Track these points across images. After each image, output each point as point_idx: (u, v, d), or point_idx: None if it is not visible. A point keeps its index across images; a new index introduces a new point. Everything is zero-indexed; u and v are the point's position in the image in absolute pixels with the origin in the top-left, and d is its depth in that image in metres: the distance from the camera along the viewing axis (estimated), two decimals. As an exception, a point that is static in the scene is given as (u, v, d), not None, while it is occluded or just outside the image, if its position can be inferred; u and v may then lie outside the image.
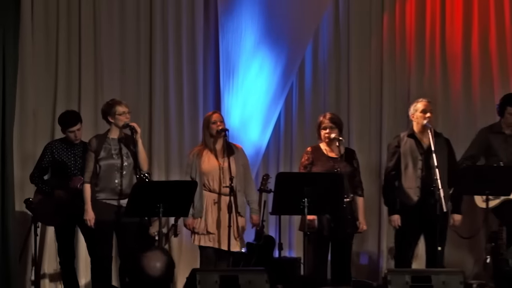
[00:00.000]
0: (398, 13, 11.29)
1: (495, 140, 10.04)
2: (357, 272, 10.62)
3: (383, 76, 11.29)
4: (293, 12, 11.12)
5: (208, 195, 9.28)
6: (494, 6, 11.04)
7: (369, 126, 11.30)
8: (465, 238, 10.10)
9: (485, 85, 10.98)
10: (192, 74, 11.32)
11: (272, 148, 11.36)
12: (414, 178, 9.51)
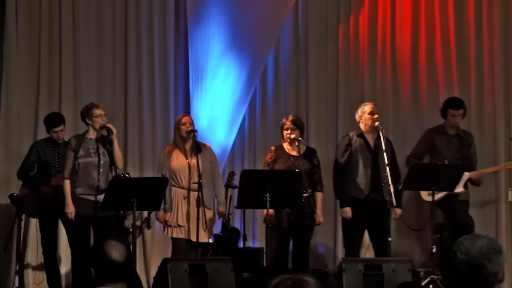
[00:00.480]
0: (352, 23, 11.28)
1: (439, 140, 10.10)
2: (315, 260, 10.70)
3: (339, 81, 11.30)
4: (256, 22, 11.13)
5: (178, 191, 9.41)
6: (439, 17, 11.05)
7: (326, 127, 11.32)
8: (414, 230, 10.18)
9: (431, 89, 11.02)
10: (164, 79, 11.36)
11: (237, 147, 11.37)
12: (364, 174, 9.61)
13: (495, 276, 3.91)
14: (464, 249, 3.91)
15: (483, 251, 3.89)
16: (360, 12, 11.32)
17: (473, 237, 3.96)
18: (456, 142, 10.07)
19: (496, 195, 10.92)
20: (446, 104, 10.08)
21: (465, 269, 3.90)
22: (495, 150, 10.95)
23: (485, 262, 3.88)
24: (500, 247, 3.96)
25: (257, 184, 8.81)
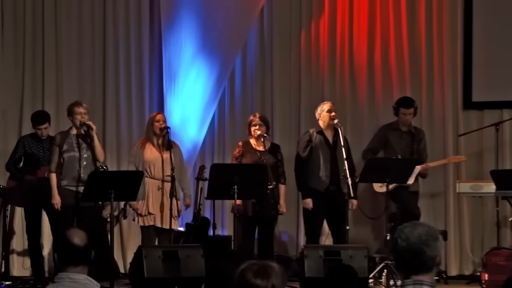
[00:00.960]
0: (314, 30, 11.23)
1: (392, 136, 10.16)
2: (279, 247, 10.72)
3: (301, 82, 11.27)
4: (225, 28, 11.13)
5: (152, 181, 9.46)
6: (393, 24, 10.99)
7: (289, 125, 11.29)
8: (370, 218, 10.24)
9: (386, 90, 10.99)
10: (139, 79, 11.40)
11: (207, 143, 11.36)
12: (324, 168, 9.64)
13: (433, 261, 3.91)
14: (404, 236, 3.90)
15: (422, 238, 3.89)
16: (321, 19, 11.27)
17: (413, 225, 3.96)
18: (407, 138, 10.13)
19: (445, 186, 10.89)
20: (398, 103, 10.16)
21: (406, 255, 3.90)
22: (444, 146, 10.92)
23: (424, 248, 3.88)
24: (437, 233, 3.97)
25: (226, 177, 8.87)
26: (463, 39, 11.04)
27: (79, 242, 4.32)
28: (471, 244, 10.94)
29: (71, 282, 4.25)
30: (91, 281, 4.34)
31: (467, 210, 10.96)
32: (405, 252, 3.90)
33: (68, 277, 4.27)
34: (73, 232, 4.39)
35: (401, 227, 3.97)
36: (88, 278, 4.31)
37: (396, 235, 3.96)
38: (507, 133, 10.80)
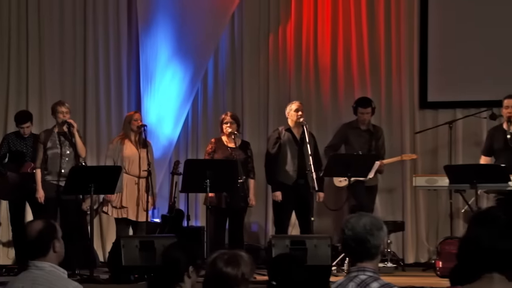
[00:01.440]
0: (281, 35, 11.26)
1: (352, 134, 10.15)
2: (248, 237, 10.72)
3: (269, 83, 11.29)
4: (198, 32, 11.11)
5: (129, 177, 9.50)
6: (354, 29, 11.02)
7: (258, 123, 11.31)
8: (333, 210, 10.29)
9: (348, 90, 11.00)
10: (118, 80, 11.40)
11: (182, 139, 11.35)
12: (291, 163, 9.70)
13: (376, 249, 3.93)
14: (350, 226, 3.92)
15: (367, 228, 3.90)
16: (287, 24, 11.28)
17: (359, 216, 3.97)
18: (366, 136, 10.12)
19: (403, 181, 10.92)
20: (356, 103, 10.17)
21: (351, 243, 3.92)
22: (401, 142, 10.96)
23: (368, 237, 3.90)
24: (381, 224, 3.99)
25: (199, 172, 8.87)
26: (419, 44, 11.07)
27: (31, 236, 4.30)
28: (426, 233, 10.99)
29: (37, 270, 4.25)
30: (57, 269, 4.32)
31: (423, 202, 11.00)
32: (351, 241, 3.91)
33: (34, 265, 4.27)
34: (28, 226, 4.38)
35: (348, 217, 3.99)
36: (54, 266, 4.29)
37: (343, 225, 3.98)
38: (459, 131, 10.82)
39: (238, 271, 3.97)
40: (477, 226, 3.53)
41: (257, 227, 11.27)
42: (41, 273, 4.24)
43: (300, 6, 11.31)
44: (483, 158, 9.60)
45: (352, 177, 9.45)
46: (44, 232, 4.28)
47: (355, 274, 3.92)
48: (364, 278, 3.88)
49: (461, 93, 10.94)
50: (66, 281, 4.31)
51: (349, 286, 3.88)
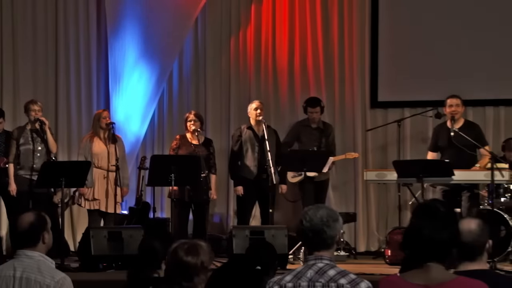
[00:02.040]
0: (241, 38, 11.26)
1: (303, 131, 10.19)
2: (211, 228, 10.70)
3: (231, 84, 11.29)
4: (164, 36, 11.08)
5: (98, 171, 9.47)
6: (310, 34, 11.06)
7: (220, 121, 11.30)
8: (291, 202, 10.35)
9: (304, 91, 10.99)
10: (88, 80, 11.36)
11: (148, 136, 11.32)
12: (252, 158, 9.72)
13: (332, 239, 3.92)
14: (308, 218, 3.90)
15: (323, 219, 3.89)
16: (248, 28, 11.28)
17: (316, 208, 3.95)
18: (316, 133, 10.13)
19: (355, 175, 10.97)
20: (306, 103, 10.20)
21: (309, 234, 3.90)
22: (354, 139, 11.01)
23: (325, 228, 3.88)
24: (337, 215, 3.98)
25: (164, 166, 8.85)
26: (370, 47, 11.11)
27: (23, 227, 4.30)
28: (376, 224, 11.05)
29: (27, 259, 4.25)
30: (46, 258, 4.33)
31: (374, 195, 11.07)
32: (309, 232, 3.90)
33: (24, 254, 4.27)
34: (20, 218, 4.38)
35: (306, 209, 3.97)
36: (42, 255, 4.30)
37: (301, 216, 3.97)
38: (407, 129, 10.88)
39: (197, 260, 3.97)
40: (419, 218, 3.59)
41: (219, 218, 11.27)
42: (31, 262, 4.25)
43: (259, 11, 11.32)
44: (429, 153, 9.64)
45: (308, 171, 9.47)
46: (35, 224, 4.29)
47: (313, 262, 3.91)
48: (321, 266, 3.88)
49: (409, 93, 11.00)
50: (54, 271, 4.32)
51: (308, 273, 3.88)
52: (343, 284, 3.83)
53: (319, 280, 3.85)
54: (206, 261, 3.99)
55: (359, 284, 3.84)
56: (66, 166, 9.11)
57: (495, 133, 10.76)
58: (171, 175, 8.74)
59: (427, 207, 3.59)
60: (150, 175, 9.05)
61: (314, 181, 9.67)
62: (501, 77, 10.76)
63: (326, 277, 3.86)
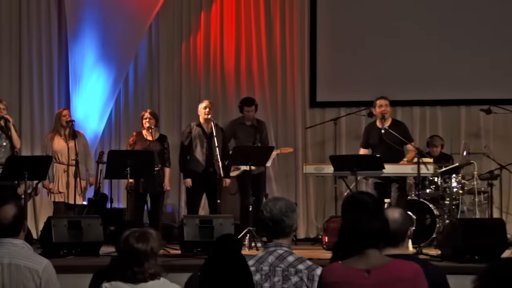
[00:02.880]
0: (192, 43, 11.27)
1: (238, 128, 10.23)
2: (164, 217, 10.65)
3: (182, 84, 11.28)
4: (120, 40, 11.04)
5: (59, 166, 9.45)
6: (255, 39, 11.14)
7: (172, 119, 11.27)
8: (231, 194, 10.37)
9: (249, 92, 10.99)
10: (50, 80, 11.26)
11: (106, 133, 11.27)
12: (201, 153, 9.72)
13: (290, 228, 4.03)
14: (268, 209, 4.00)
15: (282, 210, 3.98)
16: (198, 34, 11.28)
17: (275, 200, 4.05)
18: (250, 130, 10.18)
19: (295, 168, 11.03)
20: (242, 102, 10.25)
21: (269, 223, 4.00)
22: (295, 136, 11.06)
23: (283, 218, 3.98)
24: (294, 206, 4.08)
25: (121, 161, 8.80)
26: (309, 52, 11.18)
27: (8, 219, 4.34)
28: (315, 213, 11.15)
29: (12, 246, 4.30)
30: (28, 246, 4.40)
31: (312, 186, 11.15)
32: (269, 221, 3.99)
33: (10, 242, 4.31)
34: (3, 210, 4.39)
35: (266, 201, 4.08)
36: (25, 243, 4.37)
37: (262, 207, 4.05)
38: (343, 126, 10.99)
39: (147, 246, 4.00)
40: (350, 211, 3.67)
41: (172, 208, 11.26)
42: (16, 249, 4.30)
43: (208, 19, 11.33)
44: (361, 150, 9.68)
45: (252, 165, 9.45)
46: (18, 215, 4.36)
47: (273, 249, 3.99)
48: (281, 252, 3.96)
49: (344, 94, 11.09)
50: (38, 257, 4.42)
51: (269, 259, 3.95)
52: (301, 269, 3.91)
53: (279, 265, 3.92)
54: (155, 247, 4.02)
55: (315, 270, 3.92)
56: (29, 161, 9.02)
57: (421, 130, 10.93)
58: (127, 168, 8.69)
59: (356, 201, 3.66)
60: (107, 168, 8.98)
61: (251, 174, 9.66)
62: (426, 80, 10.90)
63: (285, 262, 3.93)
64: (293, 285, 3.87)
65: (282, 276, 3.90)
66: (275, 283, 3.89)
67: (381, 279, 3.42)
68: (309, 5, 11.20)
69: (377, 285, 3.41)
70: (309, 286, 3.86)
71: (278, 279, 3.89)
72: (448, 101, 10.98)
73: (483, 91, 10.76)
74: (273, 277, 3.90)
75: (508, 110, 10.54)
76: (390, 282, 3.42)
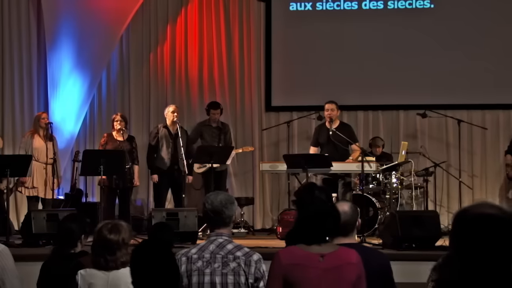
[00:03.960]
0: (159, 53, 11.24)
1: (205, 130, 10.16)
2: (134, 210, 10.66)
3: (150, 90, 11.24)
4: (94, 50, 10.96)
5: (38, 164, 9.40)
6: (216, 49, 11.13)
7: (141, 121, 11.25)
8: (197, 189, 10.36)
9: (211, 97, 10.99)
10: (30, 85, 11.18)
11: (81, 134, 11.18)
12: (166, 152, 9.72)
13: (230, 218, 4.03)
14: (210, 201, 4.00)
15: (222, 202, 3.99)
16: (164, 45, 11.25)
17: (216, 193, 4.08)
18: (215, 131, 10.14)
19: (253, 166, 11.04)
20: (208, 106, 10.22)
21: (211, 214, 4.01)
22: (252, 137, 11.08)
23: (223, 209, 3.99)
24: (233, 199, 4.08)
25: (94, 159, 8.78)
26: (265, 62, 11.19)
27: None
28: (270, 206, 11.15)
29: None
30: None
31: (268, 182, 11.16)
32: (210, 212, 4.00)
33: None
34: None
35: (208, 194, 4.07)
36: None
37: (204, 200, 4.06)
38: (295, 128, 10.99)
39: (119, 237, 4.01)
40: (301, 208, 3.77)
41: (141, 202, 11.21)
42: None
43: (174, 31, 11.30)
44: (311, 148, 9.79)
45: (214, 163, 9.47)
46: None
47: (214, 238, 3.99)
48: (221, 241, 3.96)
49: (296, 99, 11.11)
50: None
51: (210, 247, 3.95)
52: (239, 256, 3.93)
53: (219, 253, 3.94)
54: (126, 238, 4.03)
55: (251, 256, 3.96)
56: (11, 159, 8.96)
57: (364, 132, 10.99)
58: (100, 166, 8.68)
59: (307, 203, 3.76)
60: (82, 166, 8.95)
61: (214, 171, 9.68)
62: (369, 87, 10.97)
63: (225, 250, 3.95)
64: (232, 270, 3.89)
65: (221, 262, 3.91)
66: (215, 268, 3.90)
67: (333, 263, 3.56)
68: (265, 19, 11.22)
69: (329, 268, 3.55)
70: (246, 271, 3.89)
71: (218, 265, 3.90)
72: (388, 106, 11.08)
73: (420, 97, 10.88)
74: (214, 264, 3.90)
75: (441, 114, 10.66)
76: (340, 265, 3.57)
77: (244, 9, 11.23)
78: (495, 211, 2.21)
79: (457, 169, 10.55)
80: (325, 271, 3.55)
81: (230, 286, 3.88)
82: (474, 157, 10.94)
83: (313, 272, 3.54)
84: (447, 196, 10.82)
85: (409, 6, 11.02)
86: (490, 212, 2.21)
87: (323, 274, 3.54)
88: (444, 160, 10.50)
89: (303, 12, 11.16)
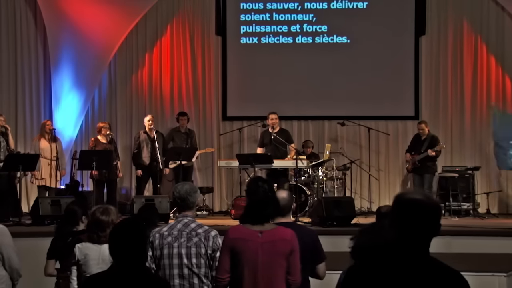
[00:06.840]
0: (139, 75, 11.04)
1: (175, 135, 10.12)
2: (120, 197, 10.49)
3: (133, 104, 11.11)
4: (89, 71, 10.83)
5: (45, 160, 9.29)
6: (184, 70, 11.06)
7: (126, 128, 11.15)
8: (169, 181, 10.21)
9: (180, 108, 10.91)
10: (37, 99, 10.99)
11: (79, 138, 11.05)
12: (147, 152, 9.67)
13: (194, 204, 3.98)
14: (178, 190, 3.96)
15: (187, 191, 3.94)
16: (144, 68, 11.14)
17: (183, 184, 4.01)
18: (184, 136, 10.09)
19: (213, 163, 11.04)
20: (178, 114, 10.22)
21: (178, 201, 3.97)
22: (212, 140, 11.05)
23: (188, 197, 3.94)
24: (196, 188, 4.00)
25: (89, 157, 8.71)
26: (221, 81, 11.14)
27: None
28: (226, 193, 11.14)
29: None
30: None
31: (224, 175, 11.14)
32: (178, 199, 3.96)
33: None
34: None
35: (177, 184, 4.04)
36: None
37: (172, 189, 4.03)
38: (245, 134, 11.00)
39: (109, 218, 4.02)
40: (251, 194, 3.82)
41: (126, 190, 11.12)
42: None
43: (151, 58, 11.22)
44: (258, 149, 9.78)
45: (183, 160, 9.43)
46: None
47: (181, 219, 3.97)
48: (186, 221, 3.94)
49: (246, 111, 11.10)
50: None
51: (178, 226, 3.93)
52: (200, 232, 3.94)
53: (185, 230, 3.94)
54: (114, 219, 4.04)
55: (210, 232, 3.97)
56: (23, 157, 8.83)
57: (298, 136, 11.06)
58: (93, 163, 8.63)
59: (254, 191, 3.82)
60: (79, 163, 8.87)
61: (183, 167, 9.66)
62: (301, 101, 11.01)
63: (189, 228, 3.95)
64: (194, 243, 3.86)
65: (186, 237, 3.87)
66: (182, 242, 3.86)
67: (269, 238, 3.59)
68: (221, 49, 11.20)
69: (266, 242, 3.58)
70: (205, 244, 3.88)
71: (184, 239, 3.86)
72: (316, 117, 11.15)
73: (340, 110, 10.99)
74: (180, 239, 3.86)
75: (356, 123, 10.82)
76: (275, 240, 3.60)
77: (205, 42, 11.20)
78: (422, 197, 2.28)
79: (368, 165, 10.75)
80: (262, 244, 3.59)
81: (193, 256, 3.86)
82: (380, 156, 11.12)
83: (252, 244, 3.58)
84: (360, 185, 10.96)
85: (331, 41, 11.16)
86: (419, 198, 2.28)
87: (260, 246, 3.58)
88: (358, 158, 10.68)
89: (251, 45, 11.20)
